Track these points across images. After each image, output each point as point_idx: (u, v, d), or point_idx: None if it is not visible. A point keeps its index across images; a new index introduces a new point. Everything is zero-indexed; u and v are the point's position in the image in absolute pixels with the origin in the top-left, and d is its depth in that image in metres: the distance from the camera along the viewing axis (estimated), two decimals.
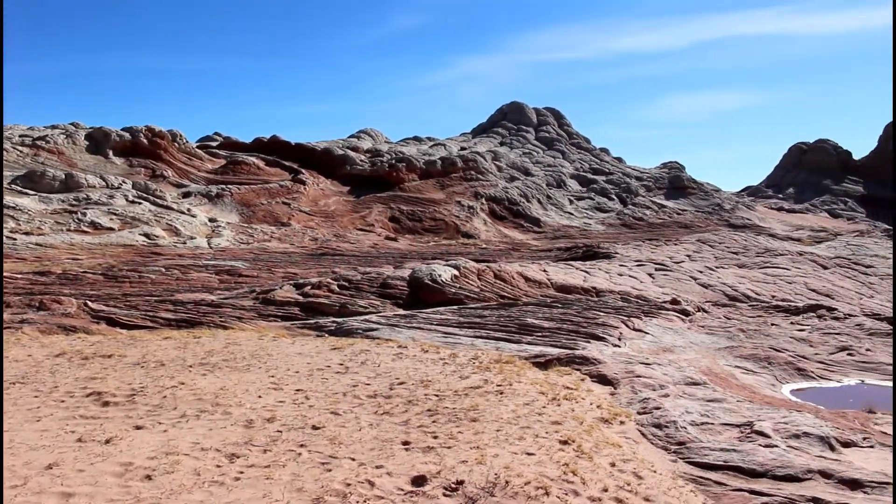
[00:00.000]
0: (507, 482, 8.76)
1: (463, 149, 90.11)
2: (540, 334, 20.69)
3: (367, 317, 23.81)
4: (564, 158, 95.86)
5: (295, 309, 25.50)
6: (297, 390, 13.23)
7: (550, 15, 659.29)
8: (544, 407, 12.65)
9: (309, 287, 27.99)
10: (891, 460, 11.28)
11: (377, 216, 66.16)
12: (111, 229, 47.50)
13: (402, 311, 25.34)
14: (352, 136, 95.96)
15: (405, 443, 10.21)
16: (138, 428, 10.50)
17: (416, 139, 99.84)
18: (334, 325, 22.63)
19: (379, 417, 11.59)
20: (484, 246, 60.19)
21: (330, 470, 8.92)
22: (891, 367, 20.61)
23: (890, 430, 13.90)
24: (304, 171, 72.67)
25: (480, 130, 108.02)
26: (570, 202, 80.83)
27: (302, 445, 9.86)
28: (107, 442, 9.71)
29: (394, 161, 77.33)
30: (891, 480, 9.68)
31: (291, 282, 29.73)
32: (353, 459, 9.39)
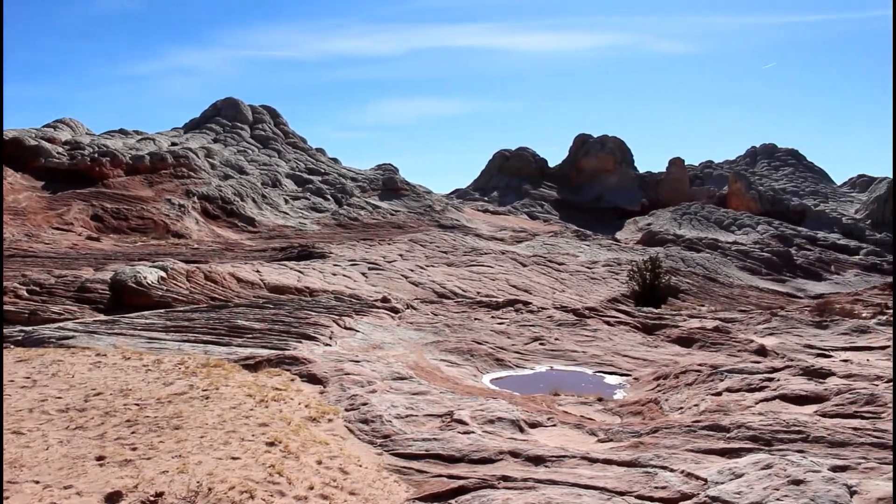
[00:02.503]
0: (210, 489, 8.54)
1: (174, 144, 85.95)
2: (251, 336, 20.36)
3: (61, 324, 21.94)
4: (280, 157, 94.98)
5: None
6: None
7: (268, 12, 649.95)
8: (252, 409, 12.48)
9: None
10: (569, 435, 12.55)
11: (77, 214, 61.06)
12: None
13: (102, 317, 23.67)
14: (47, 126, 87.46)
15: (100, 458, 9.56)
16: None
17: (123, 132, 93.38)
18: (22, 334, 20.56)
19: (70, 433, 10.73)
20: (196, 246, 57.96)
21: (8, 497, 8.10)
22: (575, 354, 22.87)
23: (572, 410, 15.45)
24: None
25: (193, 126, 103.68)
26: (286, 202, 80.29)
27: None
28: None
29: (97, 155, 71.83)
30: (568, 453, 10.75)
31: None
32: (37, 482, 8.61)
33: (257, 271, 35.98)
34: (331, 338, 21.23)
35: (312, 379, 16.02)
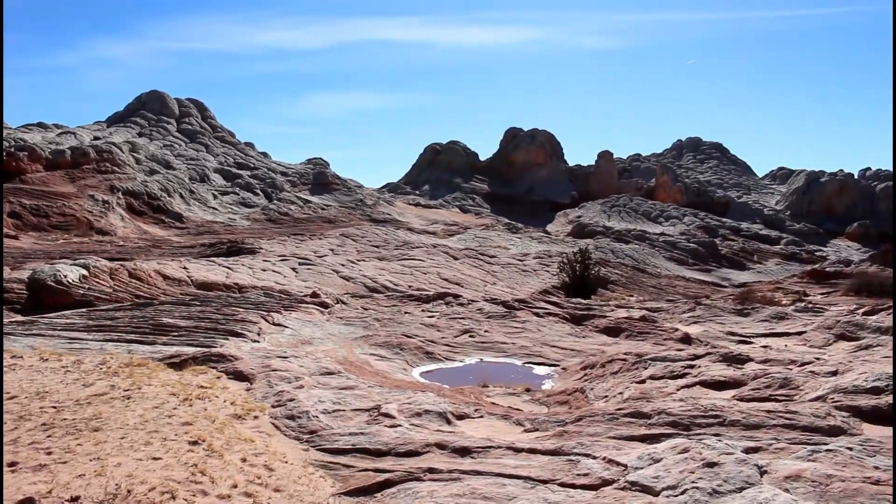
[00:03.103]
0: (128, 491, 8.37)
1: (97, 139, 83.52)
2: (176, 334, 19.99)
3: None
4: (208, 152, 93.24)
5: None
6: None
7: (193, 2, 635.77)
8: (175, 408, 12.25)
9: None
10: (496, 426, 12.68)
11: None
12: None
13: (19, 318, 22.91)
14: None
15: (12, 464, 9.26)
16: None
17: (42, 126, 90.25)
18: None
19: None
20: (121, 243, 56.51)
21: None
22: (504, 345, 23.10)
23: (500, 401, 15.60)
24: None
25: (116, 120, 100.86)
26: (215, 197, 78.93)
27: None
28: None
29: (13, 149, 69.32)
30: (494, 444, 10.87)
31: None
32: None
33: (185, 268, 35.32)
34: (259, 334, 20.99)
35: (239, 376, 15.82)
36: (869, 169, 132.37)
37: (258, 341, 20.15)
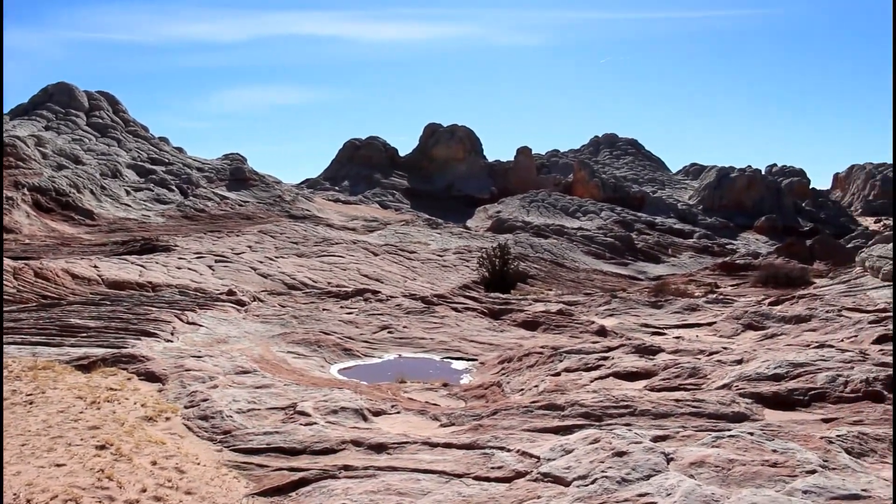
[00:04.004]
0: (28, 500, 8.08)
1: None
2: (85, 335, 19.34)
3: None
4: (120, 147, 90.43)
5: None
6: None
7: None
8: (82, 412, 11.87)
9: None
10: (413, 421, 12.70)
11: None
12: None
13: None
14: None
15: None
16: None
17: None
18: None
19: None
20: (27, 241, 54.36)
21: None
22: (423, 341, 23.16)
23: (417, 396, 15.63)
24: None
25: (21, 112, 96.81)
26: (128, 193, 76.64)
27: None
28: None
29: None
30: (410, 439, 10.89)
31: None
32: None
33: (95, 266, 34.21)
34: (172, 334, 20.51)
35: (151, 377, 15.44)
36: (775, 165, 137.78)
37: (172, 341, 19.69)
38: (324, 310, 27.41)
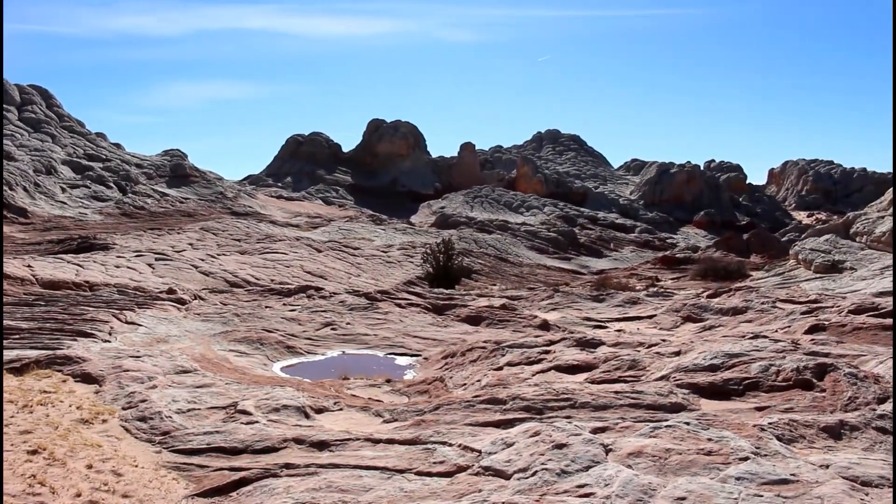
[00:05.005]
0: None
1: None
2: (17, 337, 18.82)
3: None
4: (55, 143, 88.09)
5: None
6: None
7: None
8: (13, 417, 11.55)
9: None
10: (355, 418, 12.68)
11: None
12: None
13: None
14: None
15: None
16: None
17: None
18: None
19: None
20: None
21: None
22: (366, 337, 23.10)
23: (361, 393, 15.60)
24: None
25: None
26: (63, 190, 74.72)
27: None
28: None
29: None
30: (352, 436, 10.87)
31: None
32: None
33: (29, 266, 33.31)
34: (110, 334, 20.11)
35: (87, 378, 15.11)
36: (713, 160, 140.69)
37: (109, 341, 19.30)
38: (266, 307, 27.14)
